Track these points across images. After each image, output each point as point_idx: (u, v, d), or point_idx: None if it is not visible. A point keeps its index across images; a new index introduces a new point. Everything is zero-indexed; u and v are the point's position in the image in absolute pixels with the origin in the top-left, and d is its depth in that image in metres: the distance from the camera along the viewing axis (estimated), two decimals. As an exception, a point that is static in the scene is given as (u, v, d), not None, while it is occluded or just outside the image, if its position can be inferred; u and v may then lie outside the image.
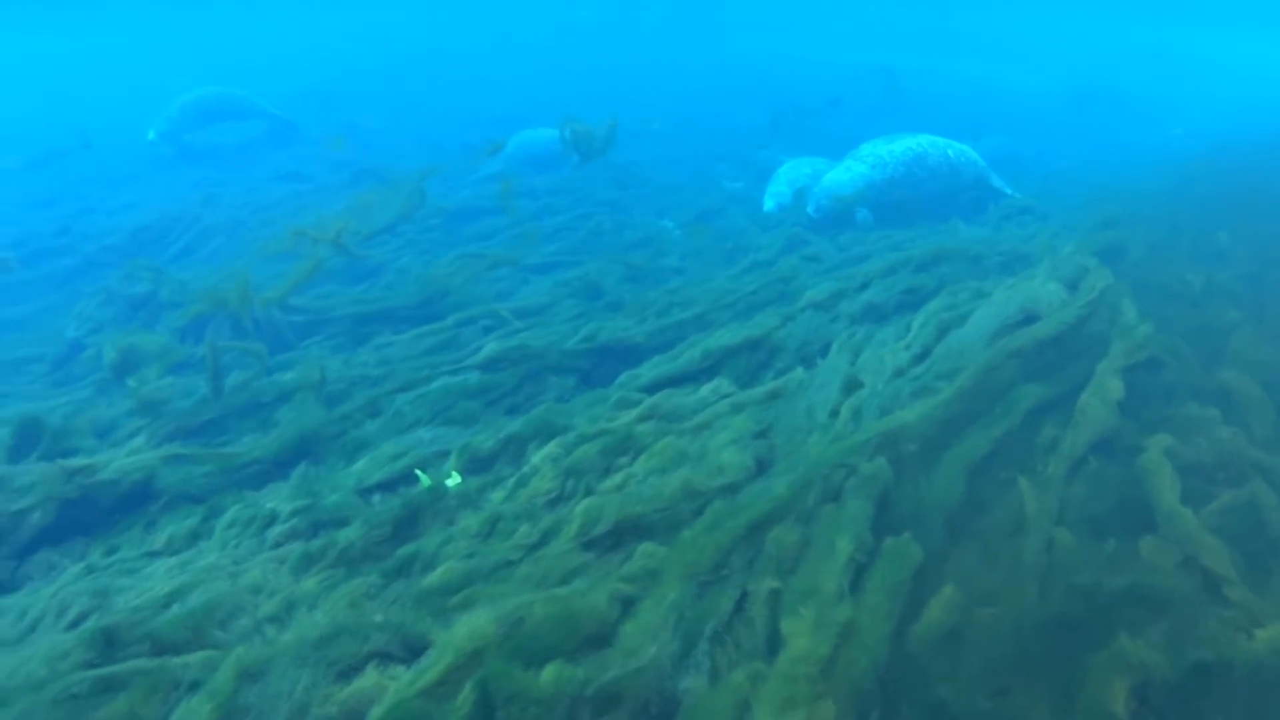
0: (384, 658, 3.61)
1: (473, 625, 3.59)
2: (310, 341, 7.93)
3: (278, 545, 4.70)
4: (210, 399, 6.46)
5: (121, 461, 5.38)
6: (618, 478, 4.92)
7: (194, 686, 3.50)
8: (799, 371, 6.29)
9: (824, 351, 6.70)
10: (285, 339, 7.84)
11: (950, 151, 11.61)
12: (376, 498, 5.12)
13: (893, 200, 11.19)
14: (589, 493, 4.82)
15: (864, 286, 7.84)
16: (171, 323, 7.92)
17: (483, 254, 9.58)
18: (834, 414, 5.57)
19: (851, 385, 5.89)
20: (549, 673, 3.37)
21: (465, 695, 3.26)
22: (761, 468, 5.05)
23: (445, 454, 5.50)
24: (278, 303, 7.82)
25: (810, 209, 10.96)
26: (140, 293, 8.65)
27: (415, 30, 43.89)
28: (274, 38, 40.11)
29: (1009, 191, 12.17)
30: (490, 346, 6.99)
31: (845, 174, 11.10)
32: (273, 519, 4.93)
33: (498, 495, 4.95)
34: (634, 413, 5.67)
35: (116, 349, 7.00)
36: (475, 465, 5.39)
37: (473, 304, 8.26)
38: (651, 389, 6.23)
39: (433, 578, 4.13)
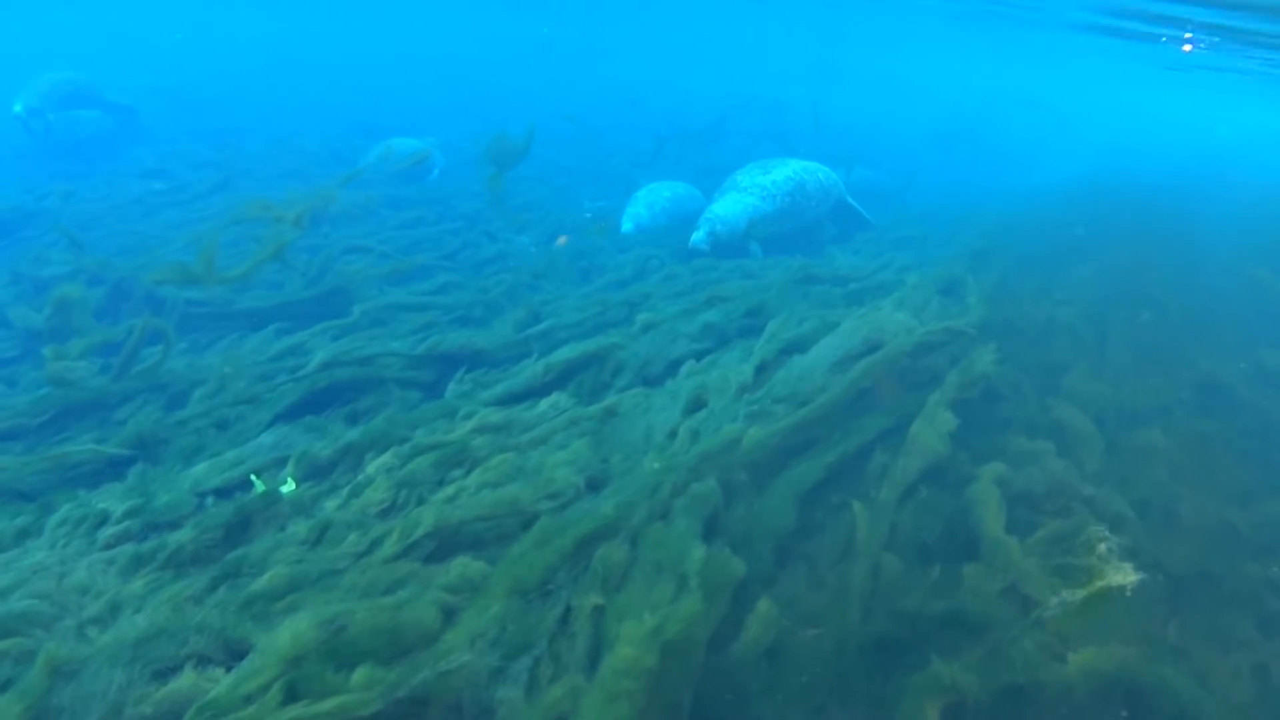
0: (203, 660, 3.67)
1: (294, 630, 3.69)
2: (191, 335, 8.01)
3: (109, 546, 4.70)
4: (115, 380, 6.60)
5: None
6: (450, 490, 5.05)
7: (5, 686, 3.53)
8: (638, 390, 6.48)
9: (669, 371, 6.92)
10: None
11: (820, 175, 12.01)
12: (210, 501, 5.15)
13: (779, 232, 11.42)
14: (421, 504, 4.93)
15: (711, 308, 8.09)
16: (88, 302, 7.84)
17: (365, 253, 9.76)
18: (672, 434, 5.76)
19: (691, 406, 6.09)
20: (360, 675, 3.49)
21: (273, 695, 3.35)
22: (597, 485, 5.22)
23: (285, 460, 5.55)
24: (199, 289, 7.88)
25: (701, 239, 10.70)
26: (51, 275, 8.66)
27: (309, 35, 43.40)
28: (137, 32, 39.00)
29: (866, 215, 12.65)
30: (328, 352, 7.07)
31: (736, 205, 11.07)
32: (105, 519, 4.92)
33: (332, 503, 5.05)
34: (470, 425, 5.79)
35: (53, 304, 7.24)
36: (312, 473, 5.46)
37: (350, 306, 8.39)
38: (493, 402, 6.38)
39: (259, 583, 4.19)
